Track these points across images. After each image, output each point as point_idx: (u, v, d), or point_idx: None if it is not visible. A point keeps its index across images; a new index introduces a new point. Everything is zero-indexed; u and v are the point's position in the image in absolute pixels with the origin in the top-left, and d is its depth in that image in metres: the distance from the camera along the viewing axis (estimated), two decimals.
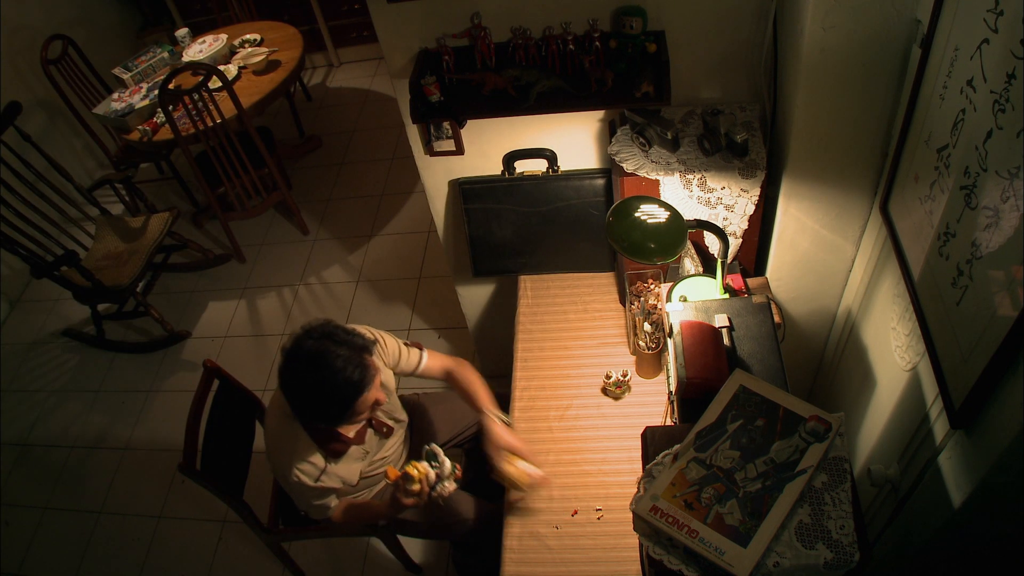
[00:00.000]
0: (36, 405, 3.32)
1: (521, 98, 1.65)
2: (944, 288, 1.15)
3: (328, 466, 1.72)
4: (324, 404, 1.55)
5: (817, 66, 1.37)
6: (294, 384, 1.55)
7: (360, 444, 1.79)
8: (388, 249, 3.54)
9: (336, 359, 1.51)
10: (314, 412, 1.59)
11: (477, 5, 1.63)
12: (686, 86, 1.72)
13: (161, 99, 2.97)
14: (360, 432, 1.79)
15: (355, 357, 1.54)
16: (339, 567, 2.49)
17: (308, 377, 1.52)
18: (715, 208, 1.68)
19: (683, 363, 1.34)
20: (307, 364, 1.53)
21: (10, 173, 2.99)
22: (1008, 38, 0.90)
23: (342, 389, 1.52)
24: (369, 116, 4.40)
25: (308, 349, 1.53)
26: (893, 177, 1.39)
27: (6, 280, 3.80)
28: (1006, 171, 0.93)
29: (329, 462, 1.72)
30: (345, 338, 1.56)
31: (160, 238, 3.24)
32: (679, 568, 1.11)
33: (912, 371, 1.38)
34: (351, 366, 1.52)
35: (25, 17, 3.94)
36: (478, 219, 2.09)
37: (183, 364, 3.32)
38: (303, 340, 1.55)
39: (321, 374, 1.51)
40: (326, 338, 1.55)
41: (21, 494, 3.00)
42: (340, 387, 1.52)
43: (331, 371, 1.51)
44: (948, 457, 1.20)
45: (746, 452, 1.17)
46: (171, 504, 2.80)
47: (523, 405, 1.89)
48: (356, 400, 1.55)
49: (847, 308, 1.82)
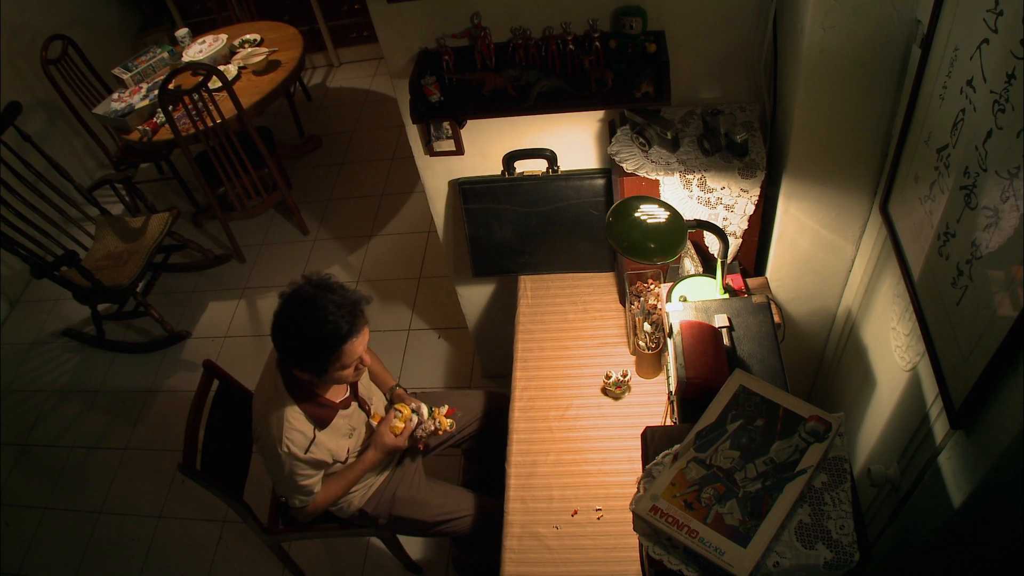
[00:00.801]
0: (36, 405, 3.32)
1: (521, 98, 1.65)
2: (944, 288, 1.15)
3: (316, 435, 1.74)
4: (310, 345, 1.60)
5: (817, 66, 1.37)
6: (284, 325, 1.62)
7: (345, 409, 1.81)
8: (388, 249, 3.54)
9: (328, 303, 1.59)
10: (300, 354, 1.64)
11: (477, 5, 1.63)
12: (686, 86, 1.72)
13: (161, 99, 2.97)
14: (346, 400, 1.82)
15: (347, 306, 1.61)
16: (339, 567, 2.49)
17: (297, 316, 1.60)
18: (715, 208, 1.68)
19: (683, 363, 1.34)
20: (299, 307, 1.60)
21: (10, 173, 2.99)
22: (1008, 38, 0.90)
23: (331, 333, 1.59)
24: (369, 116, 4.40)
25: (303, 294, 1.61)
26: (893, 177, 1.39)
27: (6, 280, 3.80)
28: (1006, 171, 0.93)
29: (317, 431, 1.74)
30: (340, 290, 1.64)
31: (160, 238, 3.24)
32: (679, 568, 1.11)
33: (912, 371, 1.38)
34: (342, 311, 1.59)
35: (25, 17, 3.94)
36: (478, 219, 2.09)
37: (183, 364, 3.32)
38: (300, 287, 1.63)
39: (311, 315, 1.58)
40: (322, 287, 1.62)
41: (21, 494, 3.00)
42: (329, 331, 1.58)
43: (322, 313, 1.58)
44: (948, 457, 1.20)
45: (746, 452, 1.17)
46: (171, 504, 2.80)
47: (523, 405, 1.89)
48: (342, 345, 1.60)
49: (847, 308, 1.82)
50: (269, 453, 1.74)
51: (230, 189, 3.37)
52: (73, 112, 3.62)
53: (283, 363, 1.73)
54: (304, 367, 1.65)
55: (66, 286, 3.09)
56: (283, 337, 1.64)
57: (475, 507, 1.99)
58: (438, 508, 1.97)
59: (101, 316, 3.41)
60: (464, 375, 2.92)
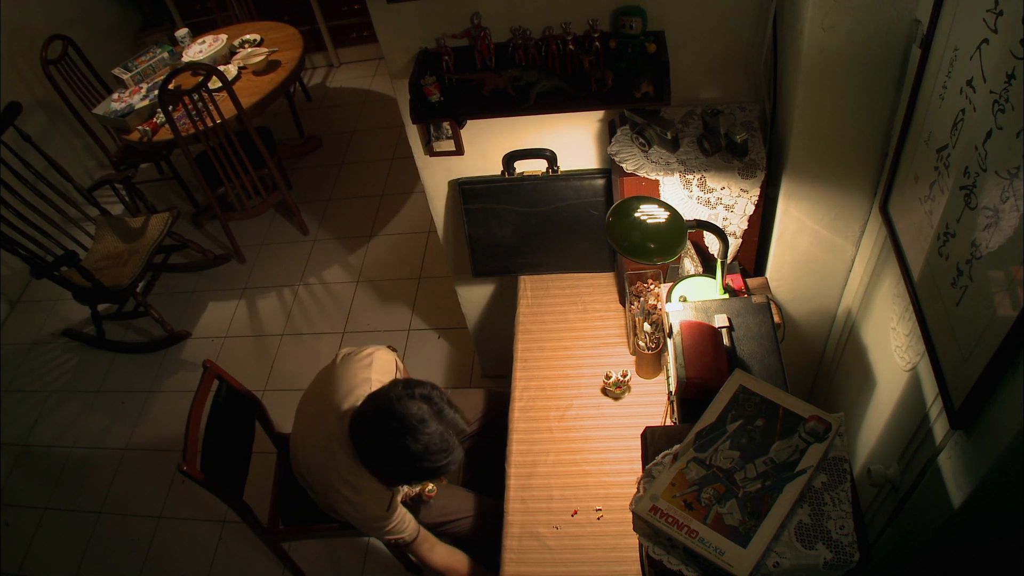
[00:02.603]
0: (36, 405, 3.32)
1: (521, 98, 1.64)
2: (944, 288, 1.15)
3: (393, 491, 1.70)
4: (399, 468, 1.51)
5: (817, 66, 1.37)
6: (379, 436, 1.50)
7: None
8: (388, 249, 3.54)
9: (433, 436, 1.47)
10: (383, 468, 1.55)
11: (477, 5, 1.63)
12: (686, 86, 1.72)
13: (161, 99, 2.97)
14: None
15: (450, 441, 1.51)
16: (339, 567, 2.49)
17: (398, 439, 1.46)
18: (715, 208, 1.68)
19: (683, 363, 1.34)
20: (403, 425, 1.46)
21: (10, 173, 2.99)
22: (1008, 38, 0.90)
23: (426, 467, 1.49)
24: (369, 116, 4.40)
25: (411, 412, 1.47)
26: (893, 177, 1.39)
27: (6, 280, 3.80)
28: (1006, 171, 0.93)
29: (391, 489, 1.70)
30: (451, 416, 1.52)
31: (160, 238, 3.24)
32: (679, 568, 1.11)
33: (912, 371, 1.38)
34: (444, 450, 1.49)
35: (25, 17, 3.94)
36: (478, 219, 2.09)
37: (183, 364, 3.32)
38: (408, 399, 1.49)
39: (414, 443, 1.46)
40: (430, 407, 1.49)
41: (21, 494, 3.00)
42: (425, 463, 1.48)
43: (423, 445, 1.46)
44: (948, 457, 1.20)
45: (746, 452, 1.17)
46: (171, 504, 2.80)
47: (523, 405, 1.89)
48: (432, 479, 1.55)
49: (847, 308, 1.82)
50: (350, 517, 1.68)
51: (230, 189, 3.37)
52: (73, 112, 3.62)
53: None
54: (384, 476, 1.59)
55: (66, 286, 3.09)
56: (375, 447, 1.51)
57: (475, 507, 1.99)
58: (438, 509, 1.97)
59: (101, 316, 3.41)
60: (464, 375, 2.92)
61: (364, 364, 1.75)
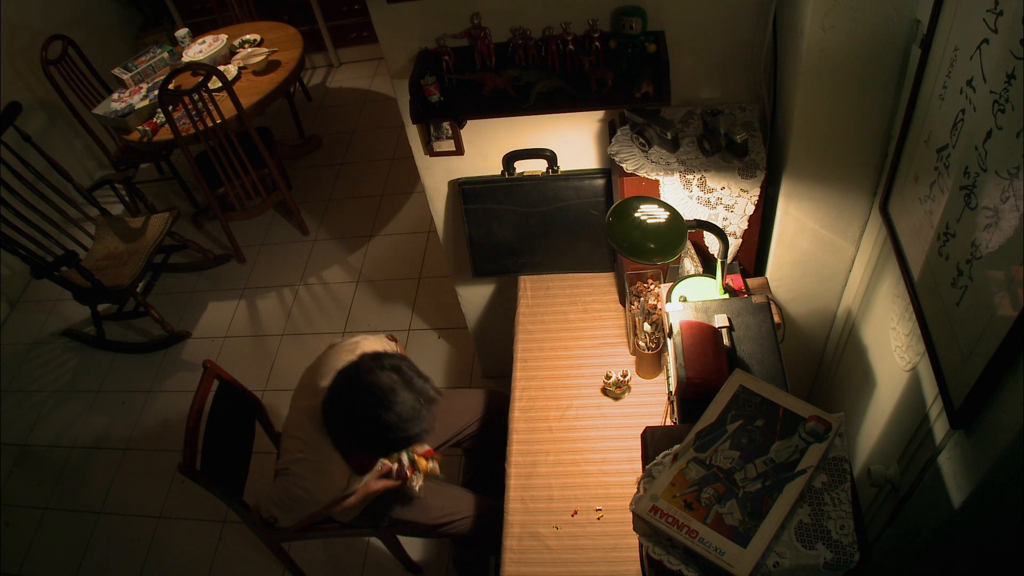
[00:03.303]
0: (36, 405, 3.32)
1: (521, 98, 1.65)
2: (944, 288, 1.15)
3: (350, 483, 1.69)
4: (373, 439, 1.50)
5: (816, 66, 1.38)
6: (350, 408, 1.49)
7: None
8: (388, 249, 3.54)
9: (404, 404, 1.47)
10: (358, 442, 1.54)
11: (477, 5, 1.63)
12: (686, 86, 1.72)
13: (161, 99, 2.97)
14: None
15: (421, 410, 1.50)
16: (339, 567, 2.49)
17: (369, 410, 1.46)
18: (715, 208, 1.68)
19: (683, 363, 1.34)
20: (373, 396, 1.46)
21: (10, 173, 2.99)
22: (1008, 38, 0.90)
23: (399, 436, 1.48)
24: (369, 116, 4.40)
25: (381, 382, 1.46)
26: (893, 177, 1.39)
27: (6, 280, 3.80)
28: (1006, 171, 0.93)
29: (353, 481, 1.70)
30: (420, 385, 1.51)
31: (160, 238, 3.24)
32: (679, 568, 1.11)
33: (912, 371, 1.38)
34: (415, 417, 1.48)
35: (25, 17, 3.94)
36: (478, 219, 2.09)
37: (183, 364, 3.32)
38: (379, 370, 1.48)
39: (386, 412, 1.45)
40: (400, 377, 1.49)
41: (21, 494, 3.00)
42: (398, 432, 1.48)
43: (395, 414, 1.46)
44: (948, 457, 1.20)
45: (746, 452, 1.17)
46: (171, 504, 2.80)
47: (523, 405, 1.89)
48: (406, 448, 1.52)
49: (847, 308, 1.82)
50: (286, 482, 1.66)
51: (230, 189, 3.37)
52: (73, 112, 3.62)
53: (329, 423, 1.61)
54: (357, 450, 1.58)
55: (66, 286, 3.09)
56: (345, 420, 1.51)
57: (475, 508, 1.99)
58: (438, 510, 1.97)
59: (101, 316, 3.41)
60: (464, 375, 2.92)
61: (349, 349, 1.76)
